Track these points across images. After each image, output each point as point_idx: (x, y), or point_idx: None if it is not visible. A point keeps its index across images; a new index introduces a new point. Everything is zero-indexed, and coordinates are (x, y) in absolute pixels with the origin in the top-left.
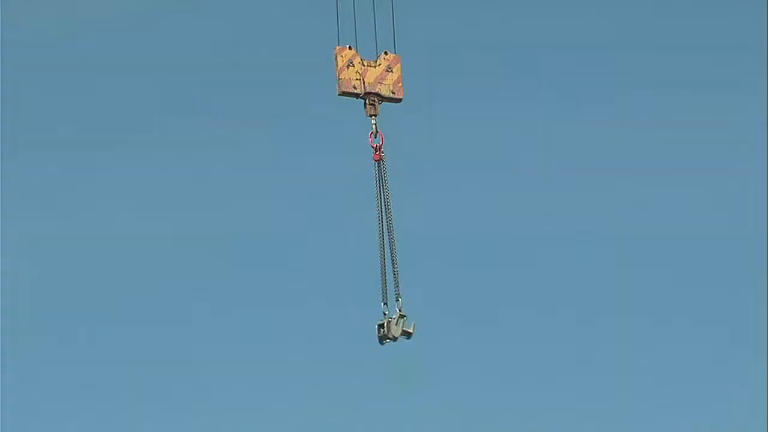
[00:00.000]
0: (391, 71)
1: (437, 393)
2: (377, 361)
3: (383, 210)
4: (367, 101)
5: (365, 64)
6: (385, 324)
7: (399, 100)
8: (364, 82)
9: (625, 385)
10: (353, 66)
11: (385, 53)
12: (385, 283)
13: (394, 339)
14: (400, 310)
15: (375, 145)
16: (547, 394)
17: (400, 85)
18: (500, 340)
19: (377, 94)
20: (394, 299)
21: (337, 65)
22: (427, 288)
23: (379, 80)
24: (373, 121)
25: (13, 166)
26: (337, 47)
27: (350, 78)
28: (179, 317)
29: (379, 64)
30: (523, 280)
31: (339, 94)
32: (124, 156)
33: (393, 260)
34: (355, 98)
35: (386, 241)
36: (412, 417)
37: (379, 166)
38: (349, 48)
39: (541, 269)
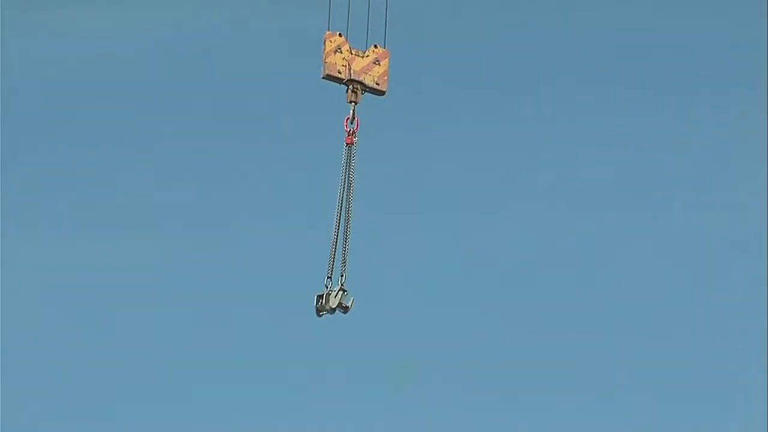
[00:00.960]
0: (379, 64)
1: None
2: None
3: (345, 191)
4: (349, 88)
5: (353, 53)
6: (324, 295)
7: (382, 93)
8: (350, 69)
9: (624, 386)
10: (341, 53)
11: (375, 46)
12: (334, 259)
13: (331, 311)
14: (342, 285)
15: (349, 130)
16: (540, 395)
17: (385, 78)
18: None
19: (361, 83)
20: (339, 274)
21: (324, 49)
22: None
23: (365, 70)
24: (352, 108)
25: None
26: (327, 32)
27: (336, 63)
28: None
29: (368, 56)
30: (502, 288)
31: (323, 77)
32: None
33: (345, 240)
34: (338, 83)
35: (342, 220)
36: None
37: (349, 150)
38: (340, 35)
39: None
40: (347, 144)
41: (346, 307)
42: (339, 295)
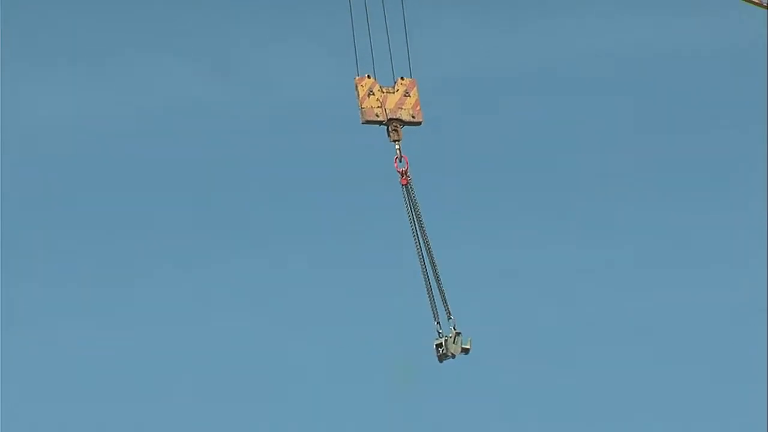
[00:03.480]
0: (409, 95)
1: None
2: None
3: (418, 232)
4: (390, 127)
5: (384, 91)
6: (443, 342)
7: (419, 123)
8: (385, 109)
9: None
10: (373, 94)
11: (401, 78)
12: (434, 303)
13: (453, 356)
14: (454, 328)
15: (400, 170)
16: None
17: (418, 108)
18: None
19: (399, 120)
20: (446, 318)
21: (358, 95)
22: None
23: (399, 105)
24: (396, 146)
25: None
26: (357, 77)
27: (372, 106)
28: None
29: (397, 90)
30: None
31: (362, 123)
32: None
33: (437, 280)
34: (378, 125)
35: (426, 262)
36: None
37: (407, 190)
38: (368, 77)
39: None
40: (403, 185)
41: (467, 349)
42: (458, 340)
